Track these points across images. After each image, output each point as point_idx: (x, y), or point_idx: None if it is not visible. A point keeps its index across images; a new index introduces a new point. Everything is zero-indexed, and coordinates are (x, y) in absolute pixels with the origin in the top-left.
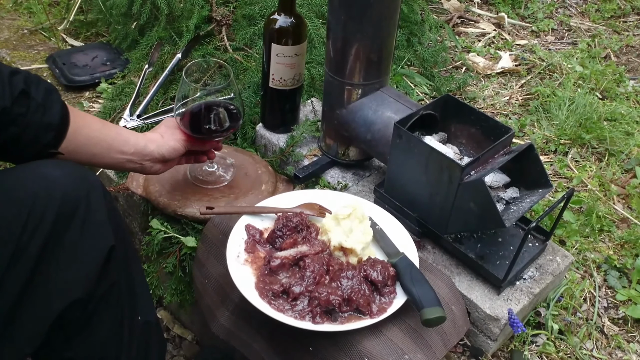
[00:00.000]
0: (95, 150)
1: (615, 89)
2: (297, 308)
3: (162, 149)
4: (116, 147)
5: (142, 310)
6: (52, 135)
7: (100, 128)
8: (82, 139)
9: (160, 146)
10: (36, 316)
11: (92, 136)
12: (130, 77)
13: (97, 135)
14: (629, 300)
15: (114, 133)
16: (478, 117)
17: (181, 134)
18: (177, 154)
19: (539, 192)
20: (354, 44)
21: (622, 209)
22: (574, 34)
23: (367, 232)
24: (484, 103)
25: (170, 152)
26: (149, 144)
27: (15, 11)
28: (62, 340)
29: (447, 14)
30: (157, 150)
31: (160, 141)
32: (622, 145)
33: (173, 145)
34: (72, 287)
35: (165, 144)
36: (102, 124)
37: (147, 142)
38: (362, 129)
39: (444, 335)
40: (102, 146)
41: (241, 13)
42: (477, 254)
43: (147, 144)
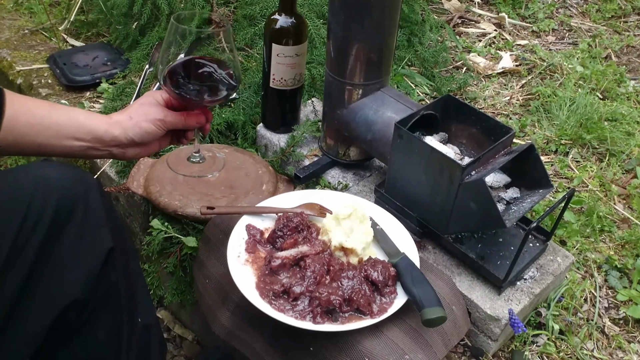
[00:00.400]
0: (40, 139)
1: (616, 89)
2: (298, 308)
3: (130, 132)
4: (67, 134)
5: (142, 313)
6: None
7: (47, 113)
8: (22, 127)
9: (126, 129)
10: (35, 318)
11: (35, 123)
12: (131, 77)
13: (41, 122)
14: (629, 300)
15: (65, 117)
16: (479, 117)
17: (157, 111)
18: (151, 137)
19: (540, 193)
20: (355, 44)
21: (622, 209)
22: (575, 34)
23: (367, 232)
24: (485, 103)
25: (141, 136)
26: (111, 128)
27: (16, 11)
28: (61, 342)
29: (448, 14)
30: (123, 134)
31: (127, 123)
32: (623, 146)
33: (145, 127)
34: (70, 289)
35: (134, 127)
36: (51, 108)
37: (109, 126)
38: (363, 129)
39: (444, 335)
40: (48, 134)
41: (242, 13)
42: (478, 254)
43: (109, 129)
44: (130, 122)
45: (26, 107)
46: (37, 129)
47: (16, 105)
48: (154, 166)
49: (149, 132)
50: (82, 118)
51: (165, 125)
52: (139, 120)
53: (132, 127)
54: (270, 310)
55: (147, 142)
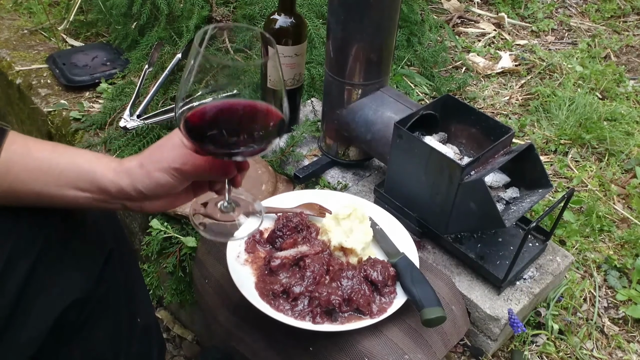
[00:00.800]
0: (39, 186)
1: (615, 89)
2: (297, 308)
3: (139, 183)
4: (67, 182)
5: (142, 313)
6: None
7: (47, 156)
8: (18, 171)
9: (135, 180)
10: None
11: (33, 167)
12: (130, 77)
13: (39, 166)
14: (629, 300)
15: (66, 161)
16: (478, 117)
17: (176, 155)
18: (164, 190)
19: (539, 192)
20: (354, 44)
21: (622, 209)
22: (574, 34)
23: (367, 232)
24: (484, 103)
25: (152, 189)
26: (118, 177)
27: (15, 11)
28: (61, 342)
29: (447, 14)
30: (131, 186)
31: (136, 172)
32: (622, 145)
33: (157, 179)
34: (71, 289)
35: (143, 177)
36: (52, 150)
37: (115, 176)
38: (362, 129)
39: (444, 335)
40: (47, 181)
41: (241, 13)
42: (477, 254)
43: (116, 178)
44: (140, 171)
45: (26, 148)
46: (34, 174)
47: (15, 146)
48: None
49: (161, 185)
50: (86, 164)
51: (183, 175)
52: (150, 168)
53: (141, 178)
54: (269, 310)
55: (163, 195)
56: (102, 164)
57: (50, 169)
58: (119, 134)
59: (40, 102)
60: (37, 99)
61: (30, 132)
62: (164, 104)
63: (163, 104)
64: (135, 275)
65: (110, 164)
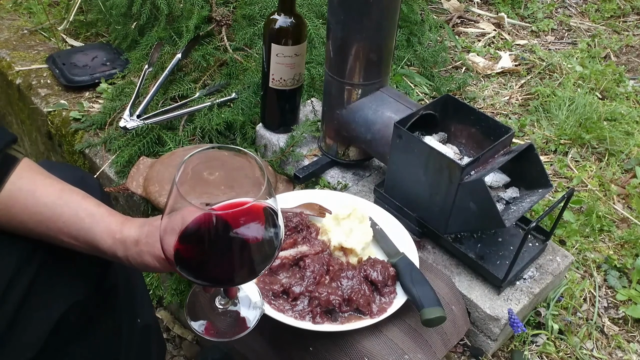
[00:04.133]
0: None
1: (615, 89)
2: (297, 308)
3: (131, 259)
4: (69, 233)
5: (142, 314)
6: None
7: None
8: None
9: (128, 256)
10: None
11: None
12: (130, 77)
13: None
14: (629, 300)
15: (70, 214)
16: (478, 117)
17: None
18: (151, 270)
19: (539, 192)
20: (354, 44)
21: (622, 208)
22: (574, 34)
23: (367, 232)
24: (484, 103)
25: (143, 268)
26: (115, 245)
27: (15, 11)
28: (61, 343)
29: (447, 14)
30: (125, 258)
31: (131, 249)
32: (622, 145)
33: (146, 262)
34: (72, 291)
35: (135, 256)
36: (58, 197)
37: (113, 243)
38: (362, 129)
39: (444, 335)
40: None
41: (241, 13)
42: (477, 253)
43: (113, 246)
44: (135, 248)
45: (32, 186)
46: (36, 218)
47: (22, 182)
48: (153, 166)
49: (150, 268)
50: (87, 221)
51: (172, 266)
52: (144, 249)
53: (133, 256)
54: (269, 310)
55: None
56: (103, 226)
57: (53, 217)
58: (118, 134)
59: (40, 102)
60: (37, 99)
61: (30, 132)
62: (163, 104)
63: (163, 104)
64: (136, 276)
65: (111, 227)
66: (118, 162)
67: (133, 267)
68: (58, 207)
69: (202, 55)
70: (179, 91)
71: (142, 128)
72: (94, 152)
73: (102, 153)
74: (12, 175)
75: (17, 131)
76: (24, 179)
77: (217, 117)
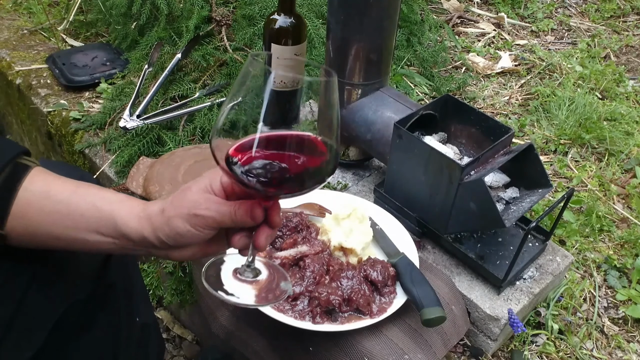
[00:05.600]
0: (58, 230)
1: (615, 89)
2: (297, 308)
3: (159, 232)
4: (88, 226)
5: (140, 313)
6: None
7: (67, 198)
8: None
9: (157, 229)
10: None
11: (50, 210)
12: (130, 77)
13: (57, 209)
14: (629, 300)
15: (87, 205)
16: (478, 117)
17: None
18: (185, 239)
19: (539, 192)
20: (354, 44)
21: (622, 208)
22: (574, 34)
23: (367, 232)
24: (484, 103)
25: (173, 237)
26: (141, 225)
27: (15, 11)
28: (61, 342)
29: (447, 14)
30: (153, 235)
31: (157, 220)
32: (622, 145)
33: (176, 227)
34: (72, 290)
35: (163, 225)
36: (72, 192)
37: (138, 222)
38: (362, 129)
39: (444, 335)
40: (66, 225)
41: (241, 13)
42: (477, 253)
43: (138, 226)
44: (161, 217)
45: (46, 188)
46: (52, 217)
47: (35, 186)
48: (153, 166)
49: (181, 234)
50: (107, 208)
51: (204, 222)
52: (171, 214)
53: (161, 226)
54: (269, 310)
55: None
56: (124, 209)
57: (70, 212)
58: (118, 134)
59: (40, 102)
60: (36, 99)
61: (30, 132)
62: (163, 104)
63: (163, 104)
64: (135, 275)
65: (133, 208)
66: (118, 162)
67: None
68: (74, 202)
69: (202, 55)
70: (179, 91)
71: (142, 128)
72: (94, 152)
73: (102, 153)
74: (25, 181)
75: (17, 131)
76: (37, 182)
77: (217, 117)
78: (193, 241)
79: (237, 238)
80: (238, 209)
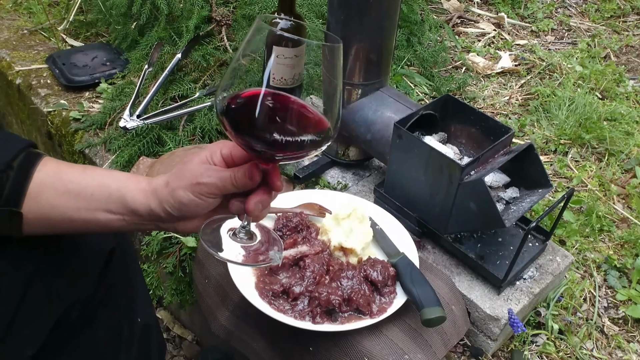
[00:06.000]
0: (70, 211)
1: (615, 89)
2: (297, 308)
3: (165, 204)
4: (98, 205)
5: (141, 313)
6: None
7: (77, 179)
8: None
9: (163, 201)
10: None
11: (62, 191)
12: (130, 77)
13: (69, 189)
14: (629, 300)
15: (96, 184)
16: (478, 117)
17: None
18: (190, 209)
19: (539, 192)
20: (354, 44)
21: (622, 208)
22: (574, 34)
23: (367, 232)
24: (484, 103)
25: (178, 208)
26: (147, 199)
27: (15, 11)
28: (61, 342)
29: (447, 14)
30: (160, 207)
31: (162, 192)
32: (622, 145)
33: (180, 197)
34: (72, 290)
35: (168, 197)
36: (82, 173)
37: (145, 196)
38: (362, 129)
39: (444, 335)
40: (79, 205)
41: (241, 13)
42: (477, 253)
43: (146, 200)
44: (166, 189)
45: (57, 171)
46: (65, 198)
47: (47, 168)
48: (153, 166)
49: (185, 204)
50: (115, 186)
51: (207, 190)
52: (174, 186)
53: (166, 197)
54: (269, 310)
55: (193, 215)
56: (131, 185)
57: (81, 192)
58: (118, 134)
59: (40, 102)
60: (36, 99)
61: (30, 132)
62: (163, 104)
63: (163, 104)
64: (136, 276)
65: (139, 184)
66: (118, 162)
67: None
68: (84, 182)
69: (202, 55)
70: (179, 91)
71: (142, 128)
72: (94, 152)
73: (102, 153)
74: (39, 165)
75: (17, 131)
76: (49, 166)
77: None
78: (197, 210)
79: (232, 202)
80: (237, 172)
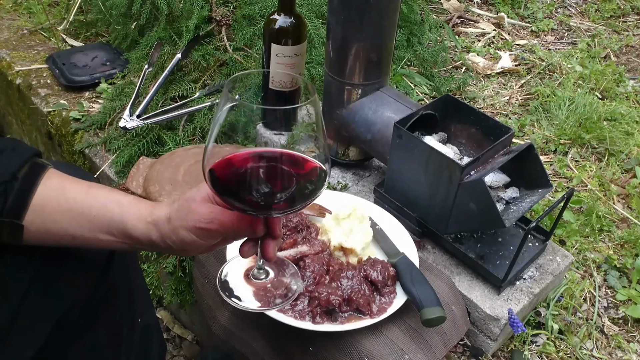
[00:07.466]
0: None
1: (615, 89)
2: (297, 308)
3: (167, 239)
4: (100, 227)
5: (142, 313)
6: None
7: (81, 198)
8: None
9: (163, 235)
10: (38, 321)
11: (66, 208)
12: (130, 77)
13: (72, 208)
14: (629, 300)
15: (99, 206)
16: (478, 117)
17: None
18: (192, 247)
19: (539, 192)
20: (354, 44)
21: (622, 208)
22: (574, 34)
23: (367, 232)
24: (484, 103)
25: (180, 245)
26: (148, 229)
27: (15, 11)
28: (62, 342)
29: (447, 14)
30: (161, 240)
31: (164, 228)
32: (622, 145)
33: (183, 237)
34: (73, 290)
35: (170, 234)
36: (86, 193)
37: (146, 227)
38: (362, 129)
39: (444, 335)
40: (81, 224)
41: (241, 13)
42: (477, 253)
43: (146, 230)
44: (168, 226)
45: (61, 186)
46: (67, 216)
47: (51, 182)
48: (153, 166)
49: (187, 243)
50: (117, 211)
51: (209, 234)
52: (177, 225)
53: (168, 234)
54: (269, 310)
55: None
56: (133, 212)
57: (83, 212)
58: (118, 134)
59: (40, 102)
60: (36, 99)
61: (30, 132)
62: (163, 104)
63: (163, 104)
64: (137, 277)
65: (141, 212)
66: (118, 162)
67: (173, 251)
68: (87, 202)
69: (202, 55)
70: (179, 91)
71: (142, 128)
72: (94, 152)
73: (102, 153)
74: (43, 178)
75: (17, 131)
76: (53, 180)
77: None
78: (199, 248)
79: (245, 249)
80: (241, 224)
